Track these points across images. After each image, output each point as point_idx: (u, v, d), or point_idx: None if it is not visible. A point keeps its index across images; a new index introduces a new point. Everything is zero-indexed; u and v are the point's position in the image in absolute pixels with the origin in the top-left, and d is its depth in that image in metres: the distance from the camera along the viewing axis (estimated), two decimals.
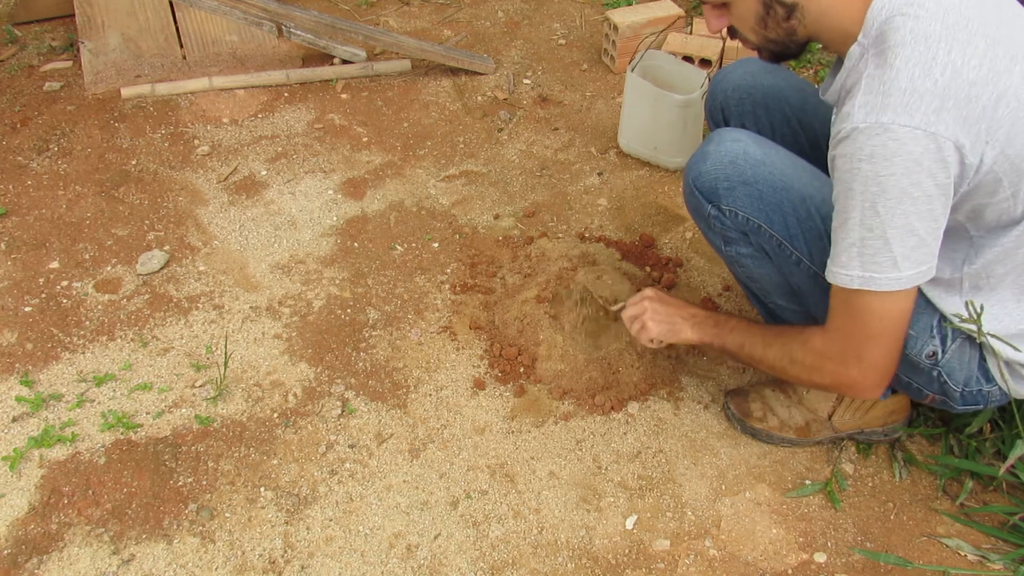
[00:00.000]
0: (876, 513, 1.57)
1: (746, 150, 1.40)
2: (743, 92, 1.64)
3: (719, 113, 1.71)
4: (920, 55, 1.11)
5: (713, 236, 1.50)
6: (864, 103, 1.13)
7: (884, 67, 1.13)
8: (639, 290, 1.71)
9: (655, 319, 1.54)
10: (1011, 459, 1.44)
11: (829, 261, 1.24)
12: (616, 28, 2.65)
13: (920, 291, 1.34)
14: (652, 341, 1.55)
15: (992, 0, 1.19)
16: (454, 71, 2.73)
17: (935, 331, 1.36)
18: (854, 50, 1.21)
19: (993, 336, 1.31)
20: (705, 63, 2.54)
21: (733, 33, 1.36)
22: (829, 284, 1.28)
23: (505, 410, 1.74)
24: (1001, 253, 1.27)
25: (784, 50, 1.33)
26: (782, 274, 1.46)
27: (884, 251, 1.17)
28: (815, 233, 1.37)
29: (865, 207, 1.15)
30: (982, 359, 1.37)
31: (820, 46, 2.68)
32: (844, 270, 1.21)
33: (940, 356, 1.37)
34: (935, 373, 1.39)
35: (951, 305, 1.34)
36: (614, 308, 1.70)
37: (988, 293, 1.32)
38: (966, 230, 1.28)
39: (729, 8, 1.31)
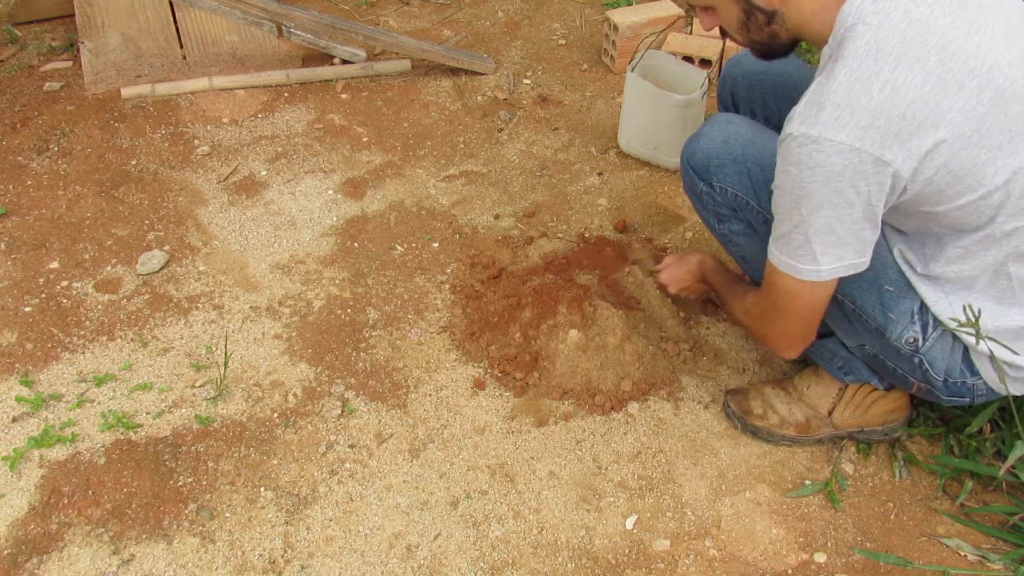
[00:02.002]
0: (876, 513, 1.57)
1: (737, 131, 1.48)
2: (753, 79, 1.68)
3: (729, 98, 1.75)
4: (865, 69, 1.14)
5: (707, 214, 1.58)
6: (802, 111, 1.18)
7: (830, 77, 1.16)
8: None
9: (672, 281, 1.78)
10: (1011, 460, 1.44)
11: (770, 237, 1.32)
12: (616, 28, 2.65)
13: (903, 275, 1.37)
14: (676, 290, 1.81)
15: (976, 5, 1.17)
16: (454, 71, 2.73)
17: (915, 317, 1.37)
18: (824, 52, 1.25)
19: (992, 339, 1.31)
20: (705, 63, 2.54)
21: (724, 32, 1.41)
22: None
23: (505, 410, 1.74)
24: (964, 253, 1.29)
25: (770, 50, 1.38)
26: None
27: (806, 246, 1.25)
28: None
29: (791, 206, 1.23)
30: (966, 352, 1.38)
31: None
32: (777, 251, 1.31)
33: (921, 343, 1.38)
34: (917, 360, 1.40)
35: (932, 294, 1.35)
36: (651, 268, 1.93)
37: (966, 292, 1.33)
38: (930, 228, 1.31)
39: (716, 11, 1.36)
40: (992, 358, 1.34)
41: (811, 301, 1.34)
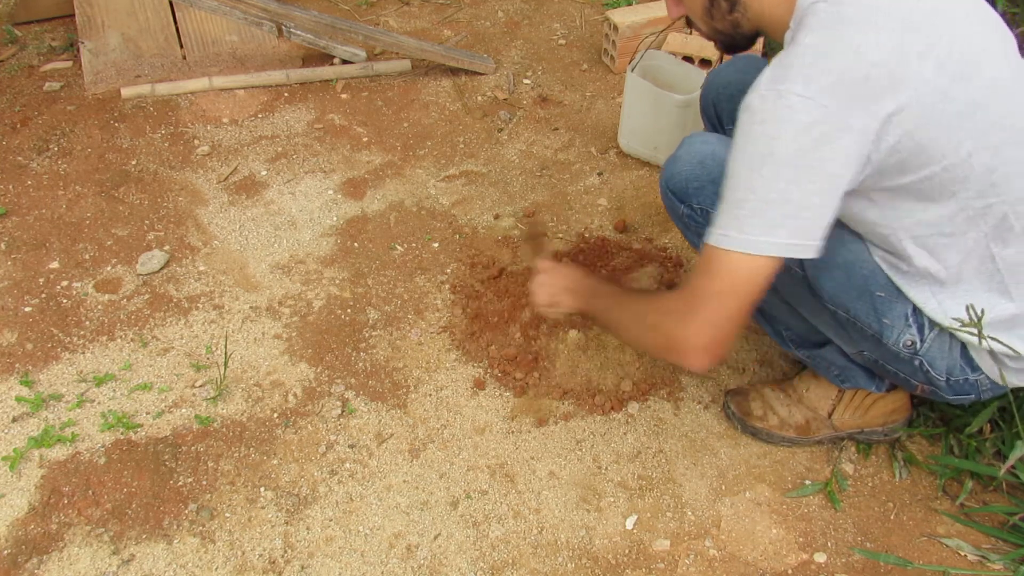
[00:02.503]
0: (876, 513, 1.57)
1: (714, 151, 1.45)
2: (734, 89, 1.68)
3: (712, 110, 1.75)
4: (828, 35, 1.14)
5: (691, 235, 1.55)
6: (767, 75, 1.17)
7: (793, 45, 1.17)
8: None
9: (541, 290, 1.55)
10: (1011, 459, 1.44)
11: (711, 225, 1.21)
12: (616, 28, 2.65)
13: (890, 280, 1.35)
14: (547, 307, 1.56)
15: None
16: (454, 71, 2.73)
17: (910, 320, 1.36)
18: (786, 37, 1.26)
19: (994, 339, 1.31)
20: (705, 63, 2.54)
21: (689, 22, 1.42)
22: (802, 275, 1.34)
23: (505, 410, 1.74)
24: (949, 243, 1.28)
25: (732, 41, 1.39)
26: None
27: (758, 214, 1.15)
28: None
29: (752, 167, 1.15)
30: (964, 348, 1.37)
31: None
32: (720, 230, 1.18)
33: (919, 345, 1.37)
34: (917, 363, 1.40)
35: (920, 296, 1.34)
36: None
37: (954, 286, 1.32)
38: (903, 223, 1.28)
39: None
40: (991, 352, 1.34)
41: (749, 282, 1.18)
